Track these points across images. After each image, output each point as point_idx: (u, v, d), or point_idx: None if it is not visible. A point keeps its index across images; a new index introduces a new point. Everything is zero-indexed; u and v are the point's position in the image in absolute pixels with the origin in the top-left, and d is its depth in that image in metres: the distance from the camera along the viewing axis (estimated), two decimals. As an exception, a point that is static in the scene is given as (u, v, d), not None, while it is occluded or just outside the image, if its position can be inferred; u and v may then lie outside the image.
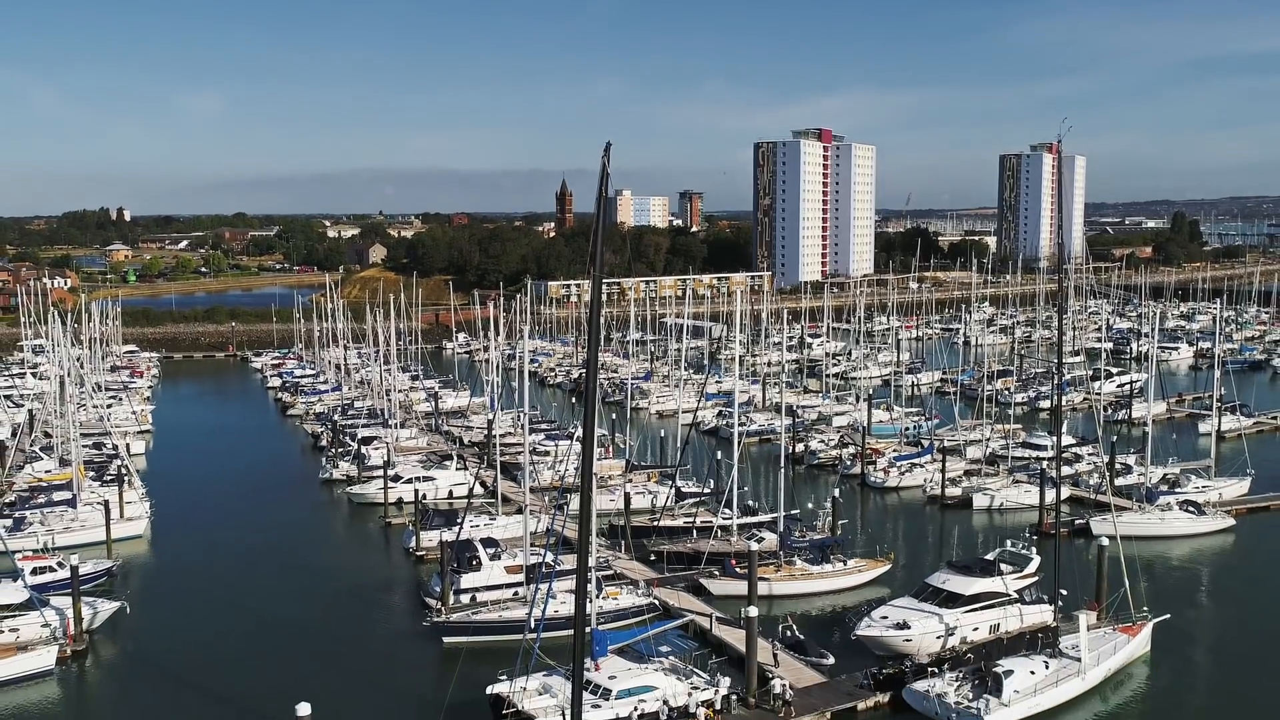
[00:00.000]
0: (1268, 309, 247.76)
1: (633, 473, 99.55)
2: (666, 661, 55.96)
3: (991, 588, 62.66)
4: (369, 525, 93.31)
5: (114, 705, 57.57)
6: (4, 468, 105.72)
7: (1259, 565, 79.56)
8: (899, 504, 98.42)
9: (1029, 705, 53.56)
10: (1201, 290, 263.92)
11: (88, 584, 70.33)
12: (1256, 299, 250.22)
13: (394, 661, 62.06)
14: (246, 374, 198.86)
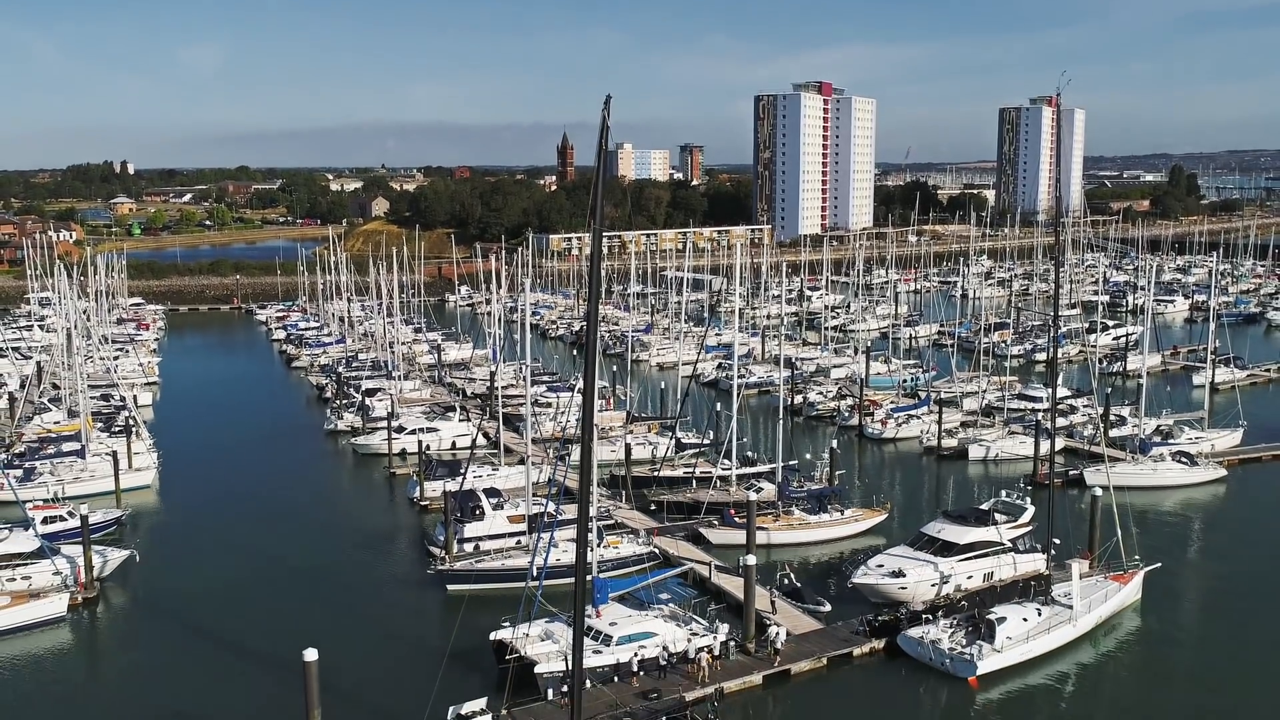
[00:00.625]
0: (1263, 262, 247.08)
1: (633, 424, 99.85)
2: (666, 609, 56.41)
3: (986, 537, 63.03)
4: (373, 476, 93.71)
5: (124, 651, 58.13)
6: (13, 419, 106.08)
7: (1250, 515, 79.95)
8: (896, 455, 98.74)
9: (1021, 651, 54.07)
10: (1198, 244, 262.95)
11: (97, 533, 70.79)
12: (1253, 252, 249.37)
13: (399, 609, 62.59)
14: (251, 326, 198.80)
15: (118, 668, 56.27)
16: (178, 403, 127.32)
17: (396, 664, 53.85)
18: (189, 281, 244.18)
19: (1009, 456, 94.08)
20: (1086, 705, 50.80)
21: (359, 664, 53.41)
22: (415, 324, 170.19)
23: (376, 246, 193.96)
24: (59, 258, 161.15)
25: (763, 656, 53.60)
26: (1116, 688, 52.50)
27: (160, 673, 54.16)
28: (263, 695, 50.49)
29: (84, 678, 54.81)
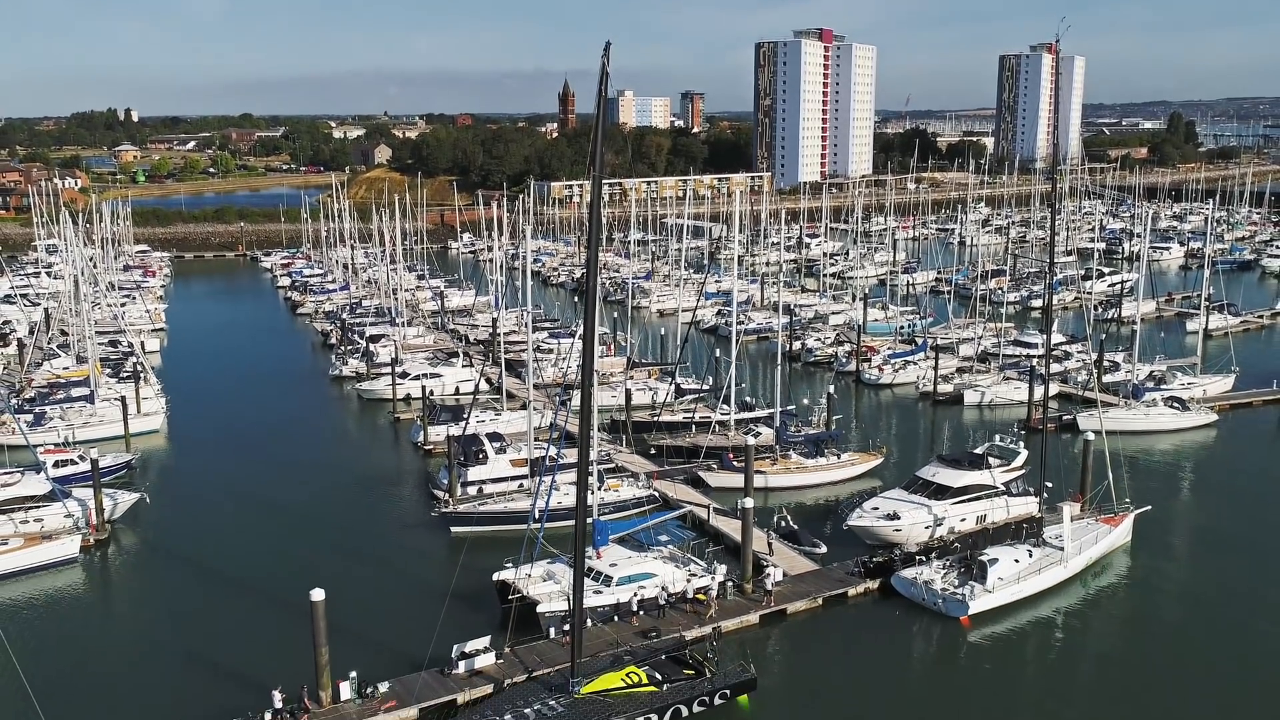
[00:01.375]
0: (1259, 210, 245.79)
1: (634, 370, 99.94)
2: (665, 550, 56.88)
3: (979, 480, 63.35)
4: (378, 420, 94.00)
5: (135, 591, 58.71)
6: (23, 365, 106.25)
7: (1239, 459, 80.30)
8: (892, 400, 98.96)
9: (1013, 592, 54.57)
10: (1195, 191, 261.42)
11: (107, 476, 71.18)
12: (1249, 200, 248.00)
13: (404, 550, 63.09)
14: (256, 273, 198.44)
15: (129, 607, 56.85)
16: (185, 349, 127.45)
17: (401, 603, 54.36)
18: (194, 229, 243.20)
19: (1003, 402, 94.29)
20: (1076, 644, 51.35)
21: (365, 603, 53.93)
22: (418, 271, 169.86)
23: (379, 194, 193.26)
24: (64, 205, 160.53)
25: (759, 597, 54.13)
26: (1105, 627, 53.05)
27: (171, 612, 54.74)
28: (271, 634, 51.04)
29: (96, 617, 55.37)
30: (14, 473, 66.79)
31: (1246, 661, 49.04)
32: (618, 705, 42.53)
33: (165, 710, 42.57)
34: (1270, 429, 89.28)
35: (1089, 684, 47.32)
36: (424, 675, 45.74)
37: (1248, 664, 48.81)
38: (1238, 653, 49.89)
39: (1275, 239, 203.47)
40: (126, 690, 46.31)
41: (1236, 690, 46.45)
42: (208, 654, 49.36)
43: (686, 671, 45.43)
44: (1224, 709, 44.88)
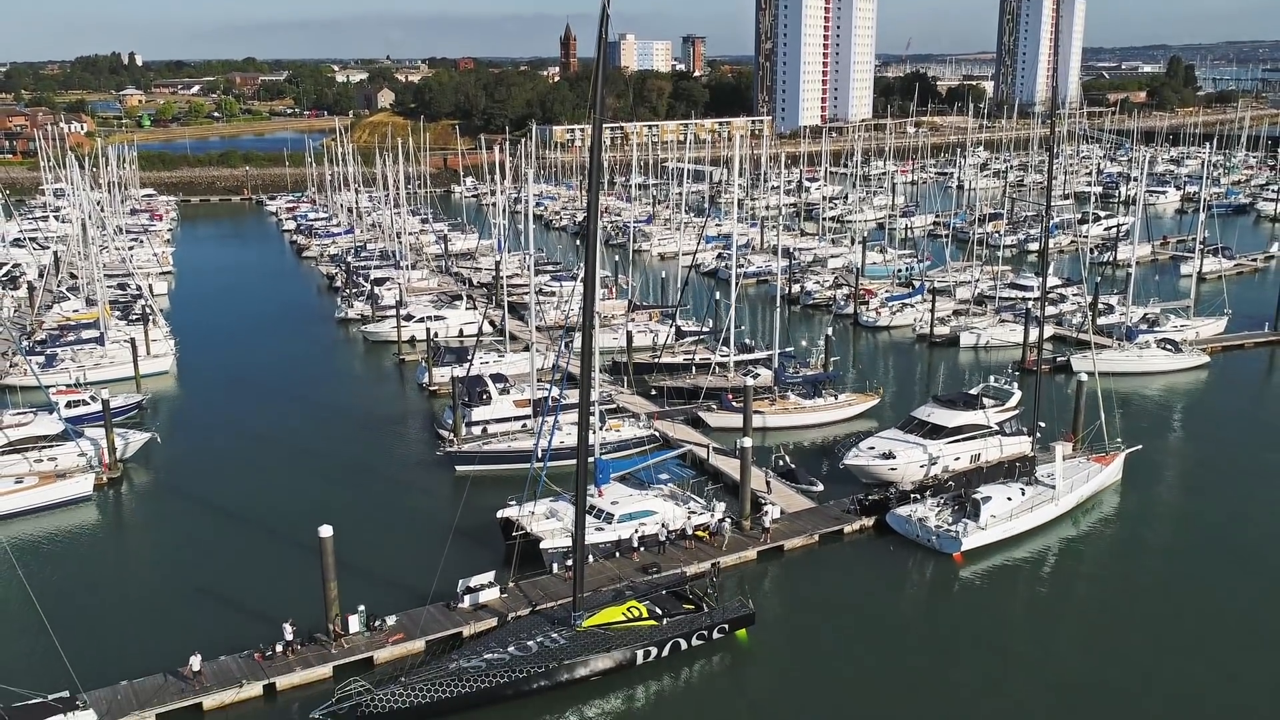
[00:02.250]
0: (1256, 154, 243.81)
1: (635, 312, 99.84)
2: (665, 489, 57.20)
3: (974, 420, 63.53)
4: (383, 362, 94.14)
5: (148, 527, 59.18)
6: (33, 307, 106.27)
7: (1230, 400, 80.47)
8: (889, 342, 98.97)
9: (1004, 529, 54.99)
10: (1192, 135, 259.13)
11: (119, 416, 71.49)
12: (1246, 144, 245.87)
13: (410, 488, 63.49)
14: (262, 217, 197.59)
15: (142, 543, 57.34)
16: (192, 292, 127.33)
17: (407, 540, 54.83)
18: (199, 173, 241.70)
19: (999, 344, 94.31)
20: (1065, 579, 51.85)
21: (372, 540, 54.39)
22: (422, 215, 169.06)
23: (382, 138, 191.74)
24: (71, 149, 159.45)
25: (757, 534, 54.56)
26: (1095, 563, 53.53)
27: (183, 548, 55.24)
28: (281, 569, 51.55)
29: (110, 553, 55.88)
30: (27, 413, 67.04)
31: (1233, 594, 49.52)
32: (618, 638, 43.04)
33: (179, 643, 43.13)
34: (1261, 370, 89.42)
35: (1078, 617, 47.83)
36: (430, 609, 46.29)
37: (1235, 596, 49.28)
38: (1225, 586, 50.37)
39: (1271, 183, 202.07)
40: (141, 623, 46.86)
41: (1223, 621, 46.95)
42: (220, 588, 49.88)
43: (686, 606, 45.91)
44: (1211, 639, 45.38)
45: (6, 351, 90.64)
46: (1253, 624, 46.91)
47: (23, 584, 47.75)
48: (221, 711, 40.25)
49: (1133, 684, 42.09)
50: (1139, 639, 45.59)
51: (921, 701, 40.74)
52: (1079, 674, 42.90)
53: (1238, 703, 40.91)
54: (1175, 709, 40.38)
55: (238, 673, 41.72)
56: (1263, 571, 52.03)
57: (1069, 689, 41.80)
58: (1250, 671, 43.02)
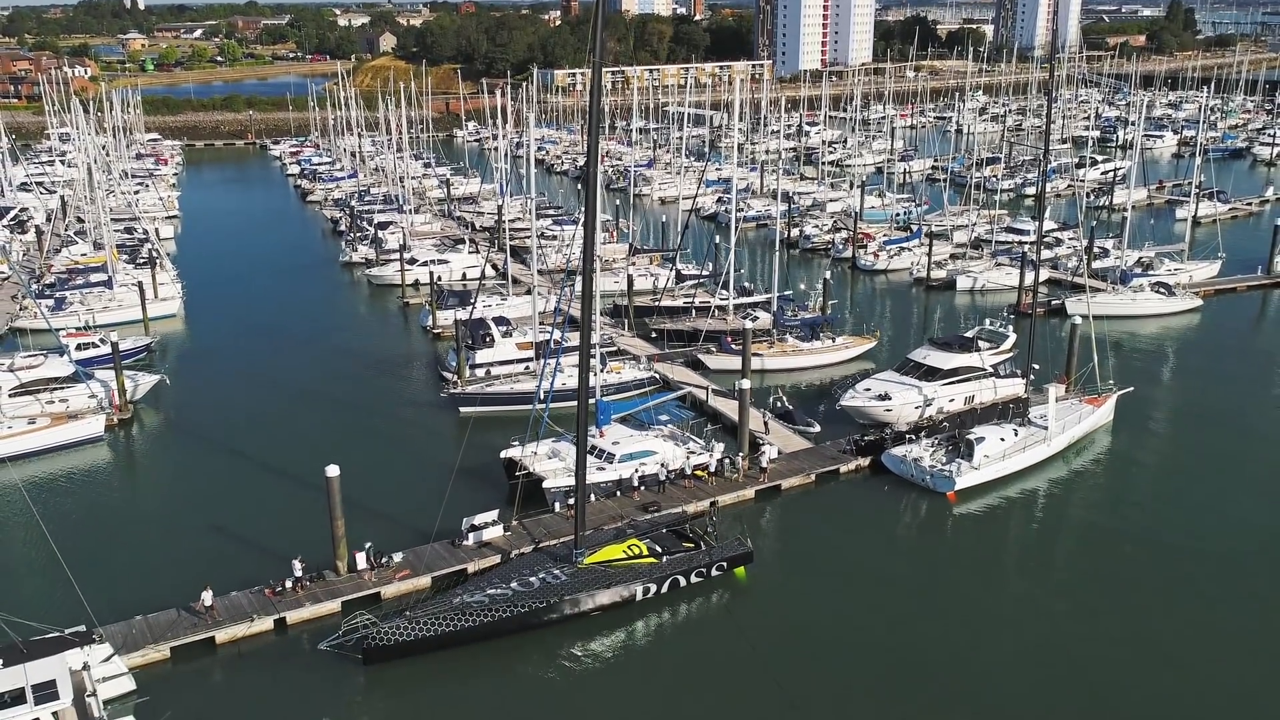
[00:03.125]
0: (1254, 98, 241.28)
1: (635, 255, 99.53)
2: (665, 429, 57.46)
3: (968, 363, 63.57)
4: (388, 305, 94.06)
5: (159, 468, 59.52)
6: (42, 251, 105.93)
7: (1221, 343, 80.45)
8: (887, 285, 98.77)
9: (997, 468, 55.29)
10: (1191, 79, 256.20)
11: (128, 359, 71.48)
12: (1244, 88, 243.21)
13: (415, 429, 63.75)
14: (266, 161, 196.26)
15: (153, 482, 57.70)
16: (198, 236, 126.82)
17: (413, 479, 55.14)
18: (203, 117, 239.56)
19: (995, 287, 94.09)
20: (1056, 516, 52.24)
21: (378, 479, 54.70)
22: (424, 159, 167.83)
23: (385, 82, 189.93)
24: (75, 94, 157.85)
25: (755, 474, 54.86)
26: (1084, 501, 53.87)
27: (193, 487, 55.60)
28: (289, 507, 51.92)
29: (122, 491, 56.25)
30: (38, 355, 67.15)
31: (1219, 533, 49.91)
32: (619, 575, 43.45)
33: (191, 578, 43.58)
34: (1252, 314, 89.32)
35: (1068, 554, 48.27)
36: (435, 546, 46.71)
37: (1221, 532, 49.68)
38: (1211, 524, 50.75)
39: (1268, 127, 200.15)
40: (153, 560, 47.32)
41: (1209, 559, 47.37)
42: (230, 526, 50.29)
43: (686, 544, 46.29)
44: (1197, 576, 45.83)
45: (16, 295, 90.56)
46: (1237, 562, 47.31)
47: (37, 522, 48.13)
48: (233, 644, 40.78)
49: (1119, 618, 42.57)
50: (1127, 575, 46.01)
51: (915, 635, 41.23)
52: (1068, 608, 43.39)
53: (1221, 640, 41.37)
54: (1160, 645, 40.85)
55: (248, 607, 42.21)
56: (1247, 510, 52.38)
57: (1058, 622, 42.30)
58: (1233, 607, 43.47)
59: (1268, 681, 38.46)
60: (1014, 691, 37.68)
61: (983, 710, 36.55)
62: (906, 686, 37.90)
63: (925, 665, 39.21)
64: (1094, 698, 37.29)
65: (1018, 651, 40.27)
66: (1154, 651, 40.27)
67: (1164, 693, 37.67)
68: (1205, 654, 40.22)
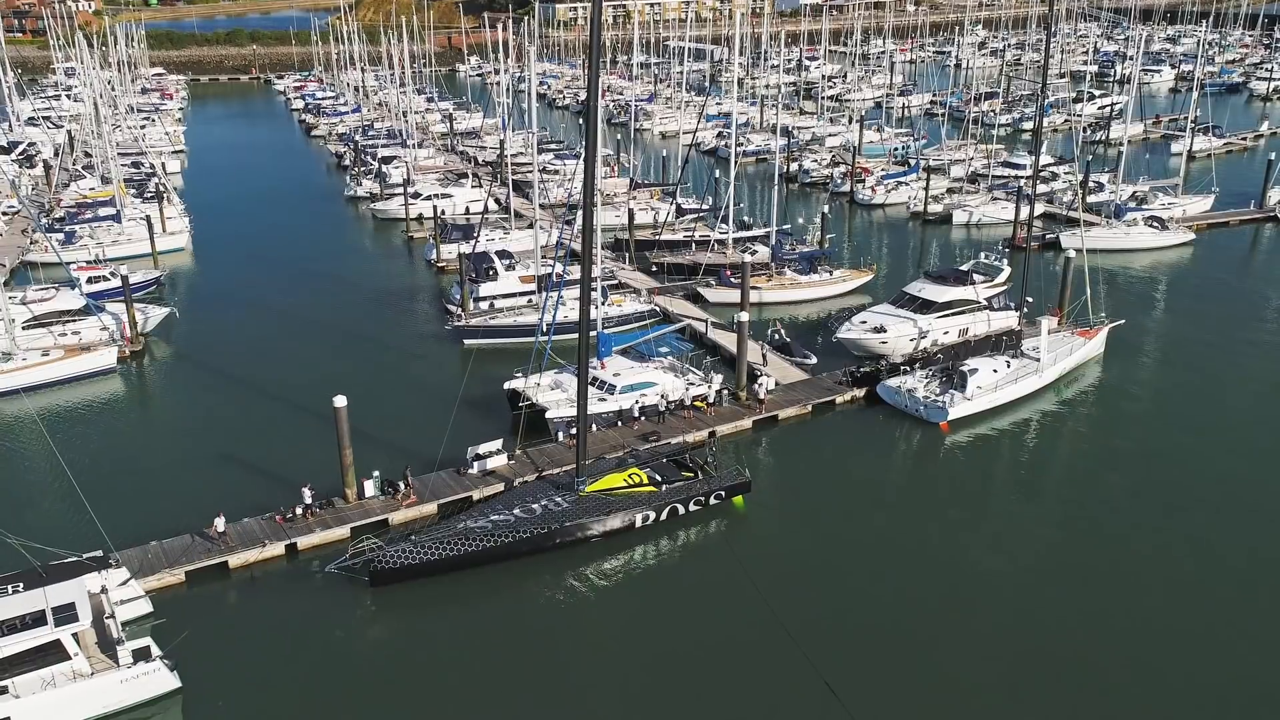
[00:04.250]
0: (1252, 32, 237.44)
1: (636, 190, 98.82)
2: (665, 361, 57.46)
3: (963, 295, 63.38)
4: (392, 239, 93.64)
5: (171, 398, 59.69)
6: (50, 186, 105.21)
7: (1212, 276, 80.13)
8: (884, 220, 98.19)
9: (990, 399, 55.41)
10: (1190, 13, 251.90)
11: (138, 292, 71.44)
12: (1243, 22, 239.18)
13: (420, 361, 63.82)
14: (270, 96, 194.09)
15: (166, 412, 57.90)
16: (205, 170, 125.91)
17: (418, 410, 55.26)
18: (207, 52, 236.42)
19: (991, 221, 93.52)
20: (1046, 444, 52.46)
21: (385, 410, 54.85)
22: (427, 94, 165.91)
23: (387, 16, 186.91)
24: (79, 28, 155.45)
25: (753, 405, 55.00)
26: (1074, 431, 54.05)
27: (204, 416, 55.82)
28: (298, 436, 52.17)
29: (136, 422, 56.49)
30: (50, 288, 67.05)
31: (1208, 461, 50.16)
32: (619, 503, 43.77)
33: (204, 506, 43.94)
34: (1244, 248, 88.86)
35: (1057, 482, 48.56)
36: (441, 474, 47.00)
37: (1209, 463, 49.93)
38: (1199, 454, 50.98)
39: (1265, 62, 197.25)
40: (167, 488, 47.65)
41: (1196, 487, 47.66)
42: (241, 454, 50.59)
43: (685, 474, 46.52)
44: (1185, 505, 46.13)
45: (27, 229, 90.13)
46: (1226, 488, 47.58)
47: (54, 452, 48.45)
48: (246, 569, 41.24)
49: (1108, 543, 42.93)
50: (1115, 503, 46.33)
51: (908, 560, 41.64)
52: (1058, 534, 43.76)
53: (1208, 561, 41.76)
54: (1150, 566, 41.24)
55: (260, 533, 42.61)
56: (1234, 439, 52.57)
57: (1047, 549, 42.68)
58: (1220, 532, 43.82)
59: (1259, 598, 38.85)
60: (1005, 614, 38.14)
61: (974, 633, 37.04)
62: (897, 611, 38.36)
63: (917, 591, 39.65)
64: (1084, 618, 37.74)
65: (1008, 575, 40.68)
66: (1144, 572, 40.63)
67: (1154, 611, 38.09)
68: (1195, 574, 40.59)
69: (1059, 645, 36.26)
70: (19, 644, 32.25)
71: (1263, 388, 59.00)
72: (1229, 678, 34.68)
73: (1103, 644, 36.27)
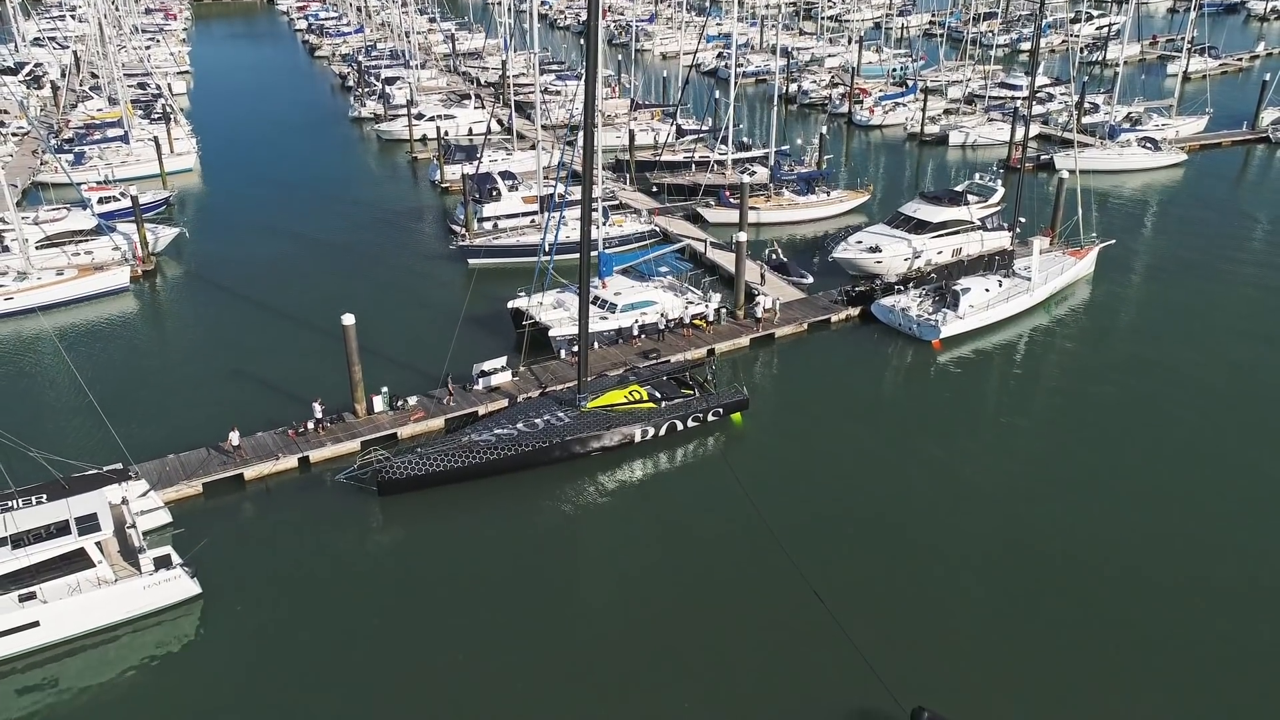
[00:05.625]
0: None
1: (637, 111, 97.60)
2: (665, 280, 57.36)
3: (957, 216, 63.01)
4: (396, 160, 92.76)
5: (183, 316, 59.68)
6: (58, 107, 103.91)
7: (1203, 197, 79.53)
8: (881, 140, 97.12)
9: (981, 318, 55.44)
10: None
11: (148, 212, 71.06)
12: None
13: (426, 280, 63.70)
14: (273, 16, 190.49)
15: (179, 330, 57.93)
16: (210, 91, 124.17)
17: (424, 327, 55.36)
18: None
19: (987, 142, 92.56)
20: (1035, 362, 52.59)
21: (392, 327, 54.97)
22: (429, 14, 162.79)
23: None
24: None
25: (750, 323, 55.05)
26: (1062, 347, 54.15)
27: (217, 334, 55.89)
28: (308, 353, 52.35)
29: (150, 339, 56.53)
30: (61, 209, 66.63)
31: (1193, 375, 50.33)
32: (619, 419, 44.07)
33: (218, 420, 44.30)
34: (1235, 168, 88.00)
35: (1046, 396, 48.80)
36: (447, 390, 47.22)
37: (1194, 377, 50.11)
38: (1184, 368, 51.12)
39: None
40: (182, 402, 47.94)
41: (1181, 398, 47.93)
42: (252, 371, 50.80)
43: (685, 391, 46.77)
44: (1169, 412, 46.42)
45: (37, 150, 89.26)
46: (1210, 395, 47.85)
47: (71, 369, 48.69)
48: (260, 481, 41.72)
49: (1095, 454, 43.32)
50: (1100, 415, 46.61)
51: (899, 474, 42.07)
52: (1046, 447, 44.11)
53: (1196, 469, 42.17)
54: (1136, 478, 41.68)
55: (273, 447, 43.01)
56: (1217, 353, 52.70)
57: (1036, 460, 43.08)
58: (1204, 439, 44.19)
59: (1245, 501, 39.34)
60: (993, 523, 38.63)
61: (962, 542, 37.57)
62: (887, 522, 38.86)
63: (907, 502, 40.12)
64: (1073, 525, 38.26)
65: (998, 486, 41.10)
66: (1132, 480, 41.06)
67: (1142, 517, 38.54)
68: (1183, 480, 40.98)
69: (1047, 553, 36.78)
70: (45, 552, 32.81)
71: (1249, 304, 58.95)
72: (1217, 579, 35.23)
73: (1091, 550, 36.79)
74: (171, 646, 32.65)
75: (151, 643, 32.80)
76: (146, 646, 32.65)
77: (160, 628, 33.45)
